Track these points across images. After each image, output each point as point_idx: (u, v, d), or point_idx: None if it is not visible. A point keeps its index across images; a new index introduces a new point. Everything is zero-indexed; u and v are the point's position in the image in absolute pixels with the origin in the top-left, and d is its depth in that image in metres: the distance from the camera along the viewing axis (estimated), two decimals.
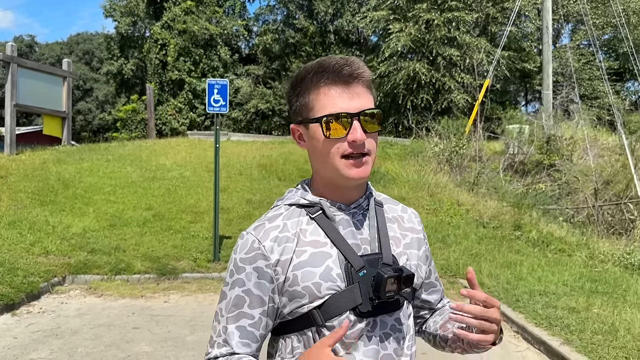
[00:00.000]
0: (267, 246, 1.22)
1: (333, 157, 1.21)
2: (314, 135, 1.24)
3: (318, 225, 1.25)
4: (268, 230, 1.24)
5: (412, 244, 1.36)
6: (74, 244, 8.43)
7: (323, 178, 1.28)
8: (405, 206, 1.45)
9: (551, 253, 8.73)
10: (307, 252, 1.22)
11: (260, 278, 1.21)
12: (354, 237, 1.25)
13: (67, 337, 5.51)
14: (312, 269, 1.21)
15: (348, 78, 1.21)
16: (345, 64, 1.21)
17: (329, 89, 1.21)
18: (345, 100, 1.21)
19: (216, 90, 8.17)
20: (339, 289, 1.20)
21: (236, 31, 31.09)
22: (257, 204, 10.75)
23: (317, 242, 1.23)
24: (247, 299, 1.22)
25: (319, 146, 1.24)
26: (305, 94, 1.25)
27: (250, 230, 1.26)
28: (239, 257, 1.24)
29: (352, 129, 1.19)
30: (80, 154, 13.78)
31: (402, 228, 1.37)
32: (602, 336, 5.06)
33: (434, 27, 22.71)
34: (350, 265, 1.21)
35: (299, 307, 1.21)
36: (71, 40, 49.30)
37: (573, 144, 13.63)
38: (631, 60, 21.04)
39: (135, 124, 27.08)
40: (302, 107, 1.26)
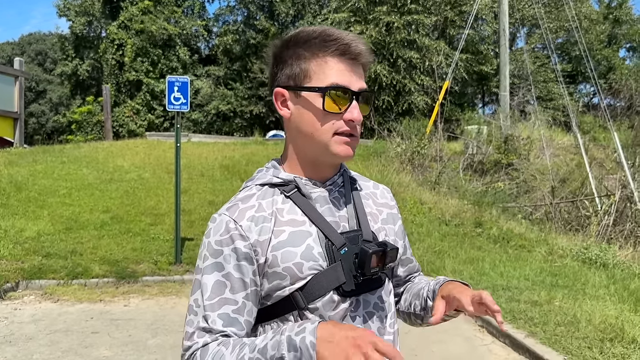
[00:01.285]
0: (245, 225, 1.13)
1: (325, 132, 1.15)
2: (308, 105, 1.16)
3: (294, 204, 1.18)
4: (243, 210, 1.16)
5: (388, 219, 1.33)
6: (27, 248, 8.09)
7: (301, 153, 1.21)
8: (376, 182, 1.41)
9: (512, 249, 8.89)
10: (285, 231, 1.15)
11: (240, 260, 1.12)
12: (332, 215, 1.20)
13: (21, 343, 5.26)
14: (293, 248, 1.14)
15: (357, 55, 1.16)
16: (355, 40, 1.16)
17: (338, 61, 1.15)
18: (350, 76, 1.15)
19: (176, 88, 7.98)
20: (321, 268, 1.14)
21: (195, 31, 30.71)
22: (220, 205, 10.52)
23: (295, 221, 1.17)
24: (228, 283, 1.12)
25: (309, 118, 1.16)
26: (306, 59, 1.16)
27: (223, 212, 1.17)
28: (214, 240, 1.14)
29: (351, 106, 1.14)
30: (33, 155, 13.30)
31: (377, 204, 1.33)
32: (564, 327, 5.16)
33: (394, 30, 22.97)
34: (331, 243, 1.15)
35: (280, 289, 1.14)
36: (23, 40, 47.72)
37: (530, 144, 13.98)
38: (583, 63, 21.77)
39: (91, 126, 26.36)
40: (300, 71, 1.16)
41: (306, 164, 1.22)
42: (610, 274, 7.37)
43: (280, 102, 1.21)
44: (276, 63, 1.21)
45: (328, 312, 1.14)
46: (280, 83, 1.19)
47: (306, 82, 1.16)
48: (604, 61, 27.92)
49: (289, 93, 1.19)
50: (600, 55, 27.42)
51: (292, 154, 1.23)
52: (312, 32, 1.17)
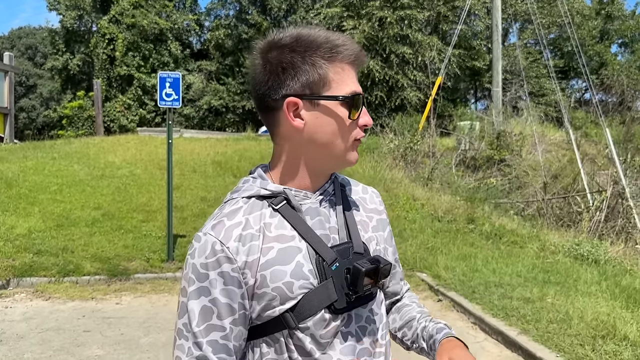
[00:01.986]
0: (232, 247, 1.07)
1: (346, 141, 1.14)
2: (329, 113, 1.11)
3: (283, 217, 1.13)
4: (229, 228, 1.10)
5: (378, 226, 1.29)
6: (18, 245, 8.02)
7: (308, 163, 1.16)
8: (365, 186, 1.37)
9: (504, 245, 8.92)
10: (274, 248, 1.10)
11: (227, 284, 1.07)
12: (323, 227, 1.14)
13: (12, 342, 5.22)
14: (282, 267, 1.09)
15: (360, 63, 1.16)
16: (355, 45, 1.15)
17: (351, 68, 1.14)
18: (356, 81, 1.15)
19: (168, 84, 7.93)
20: (312, 286, 1.10)
21: (187, 26, 30.52)
22: (212, 202, 10.54)
23: (284, 237, 1.11)
24: (215, 309, 1.08)
25: (331, 128, 1.12)
26: (323, 66, 1.10)
27: (207, 231, 1.10)
28: (199, 263, 1.08)
29: (362, 112, 1.14)
30: (23, 151, 13.19)
31: (367, 210, 1.29)
32: (557, 325, 5.18)
33: (387, 25, 22.92)
34: (322, 259, 1.10)
35: (270, 310, 1.09)
36: (13, 34, 47.24)
37: (522, 140, 14.02)
38: (575, 58, 21.84)
39: (82, 121, 26.16)
40: (318, 79, 1.09)
41: (303, 174, 1.16)
42: (602, 270, 7.41)
43: (292, 112, 1.12)
44: (283, 69, 1.10)
45: (319, 330, 1.11)
46: (292, 91, 1.10)
47: (325, 90, 1.10)
48: (596, 57, 28.02)
49: (304, 102, 1.11)
50: (592, 50, 27.52)
51: (288, 164, 1.17)
52: (317, 36, 1.11)
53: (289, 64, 1.10)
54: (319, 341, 1.10)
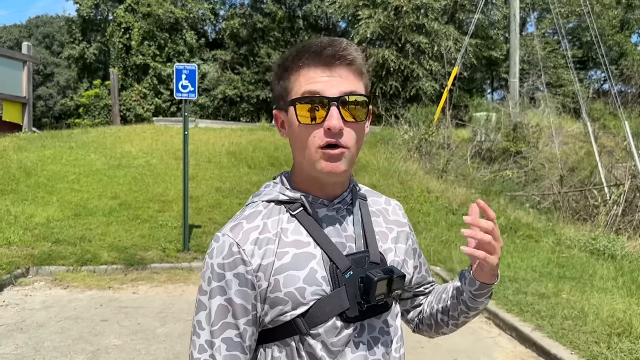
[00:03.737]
0: (248, 250, 1.11)
1: (309, 147, 1.11)
2: (290, 121, 1.14)
3: (299, 223, 1.15)
4: (247, 231, 1.13)
5: (399, 238, 1.28)
6: (37, 234, 8.16)
7: (303, 170, 1.17)
8: (388, 198, 1.37)
9: (519, 239, 8.87)
10: (289, 253, 1.12)
11: (242, 285, 1.11)
12: (339, 235, 1.16)
13: (32, 331, 5.33)
14: (295, 272, 1.11)
15: (330, 59, 1.09)
16: (328, 44, 1.10)
17: (308, 70, 1.10)
18: (325, 82, 1.09)
19: (184, 76, 7.96)
20: (325, 293, 1.11)
21: (202, 15, 30.50)
22: (227, 192, 10.61)
23: (300, 242, 1.13)
24: (230, 308, 1.11)
25: (293, 134, 1.14)
26: (285, 77, 1.14)
27: (226, 232, 1.14)
28: (216, 263, 1.12)
29: (329, 114, 1.07)
30: (42, 141, 13.35)
31: (388, 221, 1.29)
32: (572, 321, 5.16)
33: (402, 14, 22.71)
34: (336, 266, 1.12)
35: (281, 315, 1.12)
36: (30, 23, 47.59)
37: (539, 132, 13.87)
38: (594, 48, 21.50)
39: (98, 110, 26.36)
40: (282, 90, 1.15)
41: (310, 182, 1.18)
42: (619, 266, 7.34)
43: (279, 125, 1.20)
44: (272, 87, 1.21)
45: (331, 338, 1.11)
46: (276, 106, 1.20)
47: (288, 98, 1.14)
48: (616, 47, 27.52)
49: (282, 113, 1.18)
50: (612, 40, 27.02)
51: (297, 171, 1.21)
52: (293, 49, 1.16)
53: (271, 84, 1.22)
54: (329, 349, 1.11)
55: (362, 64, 1.15)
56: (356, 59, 1.12)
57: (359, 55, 1.14)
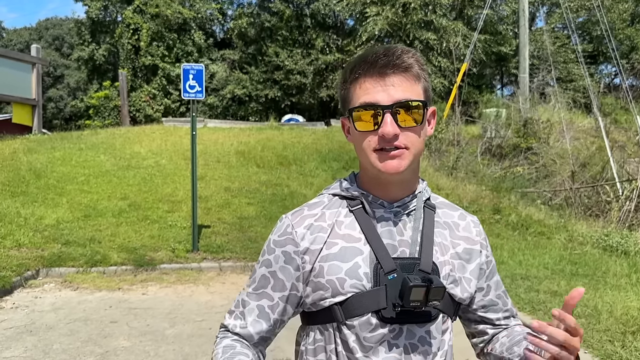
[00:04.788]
0: (299, 232, 1.21)
1: (366, 150, 1.18)
2: (352, 127, 1.21)
3: (355, 219, 1.21)
4: (305, 217, 1.23)
5: (464, 254, 1.26)
6: (47, 235, 8.19)
7: (366, 172, 1.24)
8: (465, 213, 1.35)
9: (531, 236, 8.78)
10: (337, 245, 1.19)
11: (287, 263, 1.21)
12: (391, 237, 1.19)
13: (42, 333, 5.34)
14: (340, 263, 1.17)
15: (384, 69, 1.15)
16: (383, 54, 1.16)
17: (364, 80, 1.17)
18: (379, 92, 1.15)
19: (191, 76, 7.95)
20: (364, 288, 1.16)
21: (210, 15, 30.54)
22: (236, 192, 10.60)
23: (351, 237, 1.20)
24: (272, 280, 1.22)
25: (354, 139, 1.22)
26: (345, 87, 1.22)
27: (288, 214, 1.26)
28: (272, 239, 1.24)
29: (382, 122, 1.13)
30: (51, 142, 13.41)
31: (455, 236, 1.27)
32: (585, 320, 5.08)
33: (410, 11, 22.58)
34: (380, 266, 1.15)
35: (321, 299, 1.19)
36: (40, 25, 47.96)
37: (549, 127, 13.73)
38: (604, 43, 21.26)
39: (108, 111, 26.49)
40: (344, 99, 1.23)
41: (372, 183, 1.23)
42: (632, 262, 7.24)
43: (346, 130, 1.27)
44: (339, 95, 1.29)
45: (364, 332, 1.16)
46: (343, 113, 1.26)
47: (349, 106, 1.21)
48: (627, 41, 27.17)
49: (348, 120, 1.23)
50: (622, 34, 26.68)
51: (362, 172, 1.27)
52: (354, 58, 1.22)
53: (338, 93, 1.30)
54: (362, 343, 1.16)
55: (419, 69, 1.19)
56: (411, 66, 1.17)
57: (415, 61, 1.18)
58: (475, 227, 1.32)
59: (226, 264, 7.88)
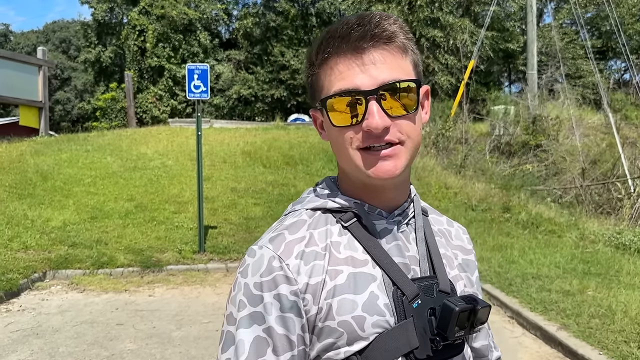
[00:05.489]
0: (292, 265, 0.89)
1: (347, 151, 0.91)
2: (327, 123, 0.94)
3: (353, 237, 0.93)
4: (290, 243, 0.91)
5: (464, 266, 1.06)
6: (54, 238, 8.16)
7: (348, 176, 0.97)
8: (450, 219, 1.15)
9: (541, 234, 8.66)
10: (343, 272, 0.90)
11: (285, 310, 0.88)
12: (401, 255, 0.93)
13: (48, 336, 5.29)
14: (352, 296, 0.88)
15: (360, 42, 0.88)
16: (356, 24, 0.89)
17: (337, 61, 0.89)
18: (357, 74, 0.88)
19: (196, 76, 7.89)
20: (388, 325, 0.88)
21: (216, 15, 30.57)
22: (242, 192, 10.54)
23: (355, 260, 0.91)
24: (270, 341, 0.87)
25: (331, 137, 0.95)
26: (314, 72, 0.95)
27: (264, 244, 0.92)
28: (252, 282, 0.89)
29: (367, 112, 0.87)
30: (58, 144, 13.41)
31: (451, 245, 1.07)
32: (599, 320, 4.97)
33: (416, 8, 22.49)
34: (401, 292, 0.89)
35: (333, 350, 0.88)
36: (47, 28, 48.21)
37: (559, 124, 13.59)
38: (614, 38, 21.05)
39: (115, 113, 26.57)
40: (313, 87, 0.96)
41: (360, 188, 0.96)
42: None
43: (318, 126, 1.00)
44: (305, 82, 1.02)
45: None
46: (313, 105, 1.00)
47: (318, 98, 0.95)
48: (636, 36, 26.91)
49: (318, 113, 0.99)
50: (632, 29, 26.42)
51: (344, 176, 0.99)
52: (319, 37, 0.95)
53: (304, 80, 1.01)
54: None
55: (405, 39, 0.92)
56: (394, 35, 0.90)
57: (399, 28, 0.91)
58: (464, 235, 1.12)
59: (233, 265, 7.83)
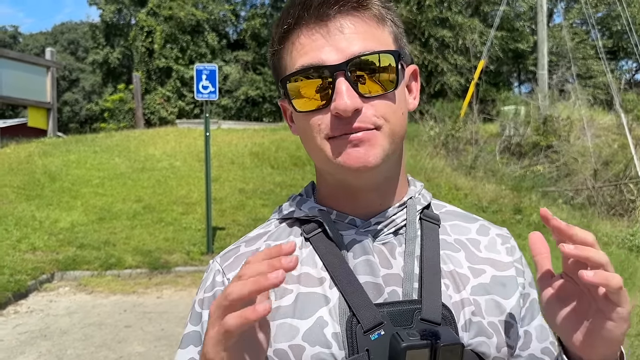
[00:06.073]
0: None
1: (315, 141, 0.76)
2: (291, 109, 0.79)
3: (314, 251, 0.80)
4: (241, 256, 0.82)
5: (492, 287, 0.81)
6: (62, 239, 8.15)
7: (324, 178, 0.83)
8: (488, 224, 0.89)
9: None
10: (292, 293, 0.77)
11: None
12: (372, 273, 0.77)
13: (56, 338, 5.26)
14: (295, 321, 0.75)
15: (324, 8, 0.74)
16: None
17: (299, 34, 0.75)
18: (321, 46, 0.73)
19: (205, 76, 7.85)
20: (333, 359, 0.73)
21: (223, 16, 30.59)
22: (250, 193, 10.50)
23: (310, 278, 0.78)
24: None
25: (298, 126, 0.81)
26: (276, 47, 0.80)
27: (217, 256, 0.85)
28: (197, 298, 0.82)
29: (335, 91, 0.72)
30: (66, 145, 13.43)
31: (475, 259, 0.83)
32: None
33: (425, 8, 22.37)
34: (357, 320, 0.72)
35: None
36: (55, 29, 48.47)
37: (570, 125, 13.43)
38: (625, 38, 20.85)
39: (123, 114, 26.63)
40: (276, 68, 0.81)
41: (336, 190, 0.82)
42: None
43: (288, 117, 0.85)
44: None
45: None
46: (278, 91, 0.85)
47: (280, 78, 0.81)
48: None
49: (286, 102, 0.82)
50: None
51: (319, 178, 0.86)
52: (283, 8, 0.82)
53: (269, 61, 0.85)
54: None
55: (382, 8, 0.77)
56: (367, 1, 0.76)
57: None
58: (504, 244, 0.87)
59: None
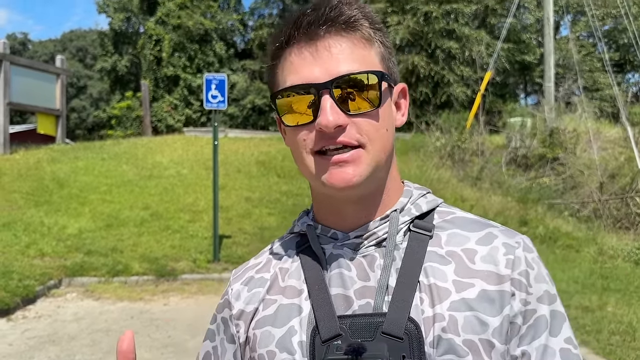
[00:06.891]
0: (235, 290, 0.89)
1: (302, 155, 0.80)
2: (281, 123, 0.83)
3: (301, 264, 0.85)
4: (248, 268, 0.91)
5: (477, 302, 0.76)
6: (69, 245, 8.22)
7: (313, 189, 0.88)
8: (497, 232, 0.83)
9: (559, 249, 8.56)
10: (276, 303, 0.83)
11: (225, 333, 0.89)
12: (343, 285, 0.79)
13: (64, 343, 5.31)
14: (272, 329, 0.81)
15: (313, 28, 0.77)
16: (311, 8, 0.79)
17: (291, 52, 0.79)
18: (309, 64, 0.77)
19: (214, 86, 7.93)
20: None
21: (231, 26, 30.79)
22: (257, 202, 10.55)
23: (292, 290, 0.83)
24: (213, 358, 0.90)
25: (287, 140, 0.85)
26: (270, 68, 0.84)
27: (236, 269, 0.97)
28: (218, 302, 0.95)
29: (320, 109, 0.75)
30: (75, 152, 13.54)
31: (465, 272, 0.78)
32: (619, 337, 4.88)
33: (432, 20, 22.50)
34: (317, 330, 0.77)
35: None
36: (64, 37, 48.93)
37: (576, 137, 13.44)
38: (632, 50, 20.87)
39: (130, 121, 26.80)
40: (271, 85, 0.85)
41: (325, 205, 0.86)
42: None
43: (282, 131, 0.87)
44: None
45: None
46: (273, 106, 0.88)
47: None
48: None
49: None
50: None
51: (312, 189, 0.90)
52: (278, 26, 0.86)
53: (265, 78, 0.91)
54: None
55: (371, 28, 0.80)
56: (356, 21, 0.78)
57: (362, 15, 0.79)
58: (506, 255, 0.79)
59: None
